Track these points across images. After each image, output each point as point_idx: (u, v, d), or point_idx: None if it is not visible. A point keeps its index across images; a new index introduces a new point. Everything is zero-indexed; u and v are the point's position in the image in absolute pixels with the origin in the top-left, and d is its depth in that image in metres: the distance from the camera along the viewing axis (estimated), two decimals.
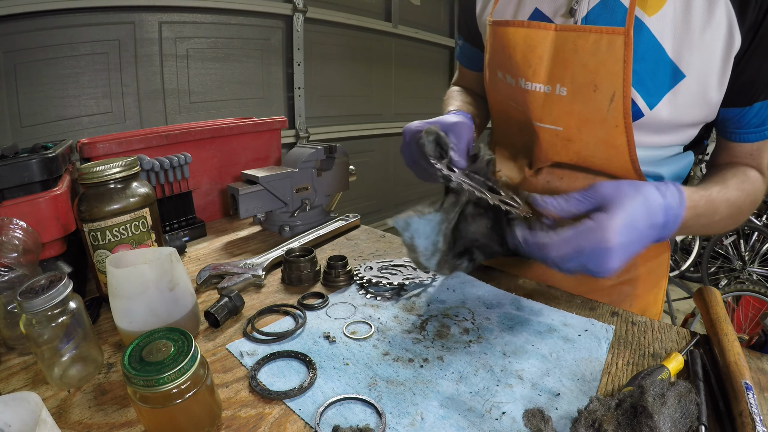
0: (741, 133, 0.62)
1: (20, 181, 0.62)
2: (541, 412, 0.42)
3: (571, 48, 0.59)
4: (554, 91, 0.62)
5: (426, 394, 0.47)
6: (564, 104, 0.62)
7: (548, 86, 0.63)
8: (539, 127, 0.67)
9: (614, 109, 0.58)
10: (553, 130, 0.65)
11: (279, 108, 2.29)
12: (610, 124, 0.60)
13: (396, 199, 3.15)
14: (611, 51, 0.56)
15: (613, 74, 0.57)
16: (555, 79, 0.62)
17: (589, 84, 0.59)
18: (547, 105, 0.64)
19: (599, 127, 0.61)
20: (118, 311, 0.53)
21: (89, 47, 1.60)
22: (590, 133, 0.62)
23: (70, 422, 0.43)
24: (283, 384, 0.48)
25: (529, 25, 0.62)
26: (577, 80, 0.60)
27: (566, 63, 0.60)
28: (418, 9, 2.91)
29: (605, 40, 0.56)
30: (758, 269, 2.97)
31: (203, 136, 1.06)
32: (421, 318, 0.62)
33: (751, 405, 0.40)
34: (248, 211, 0.92)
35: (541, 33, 0.61)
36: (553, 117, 0.64)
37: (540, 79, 0.63)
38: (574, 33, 0.59)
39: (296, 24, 2.20)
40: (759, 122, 0.60)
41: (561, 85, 0.61)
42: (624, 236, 0.46)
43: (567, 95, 0.61)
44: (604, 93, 0.58)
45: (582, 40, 0.58)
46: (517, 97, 0.68)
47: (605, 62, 0.57)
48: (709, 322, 0.55)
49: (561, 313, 0.63)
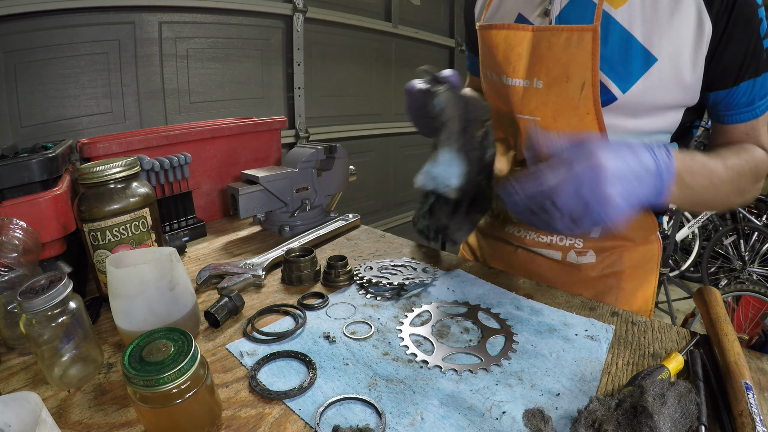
0: (732, 115, 0.64)
1: (20, 181, 0.62)
2: (541, 412, 0.42)
3: (546, 45, 0.66)
4: (532, 85, 0.69)
5: (426, 393, 0.47)
6: (540, 96, 0.68)
7: (526, 80, 0.69)
8: (520, 118, 0.73)
9: (585, 96, 0.64)
10: (532, 120, 0.71)
11: (279, 108, 2.29)
12: (582, 112, 0.66)
13: (396, 199, 3.15)
14: (581, 46, 0.62)
15: (582, 66, 0.63)
16: (532, 73, 0.68)
17: (562, 76, 0.65)
18: (526, 97, 0.70)
19: (572, 114, 0.67)
20: (118, 311, 0.53)
21: (89, 47, 1.59)
22: (564, 121, 0.68)
23: (70, 422, 0.43)
24: (283, 384, 0.48)
25: (509, 27, 0.69)
26: (551, 73, 0.66)
27: (542, 59, 0.67)
28: (418, 9, 2.91)
29: (575, 36, 0.63)
30: (758, 269, 2.97)
31: (203, 136, 1.06)
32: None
33: (751, 405, 0.40)
34: (248, 211, 0.92)
35: (520, 34, 0.68)
36: (531, 108, 0.70)
37: (519, 74, 0.70)
38: (549, 32, 0.65)
39: (296, 24, 2.19)
40: (748, 101, 0.62)
41: (537, 78, 0.68)
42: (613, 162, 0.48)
43: (543, 87, 0.68)
44: (575, 83, 0.64)
45: (555, 37, 0.65)
46: (501, 93, 0.74)
47: (576, 56, 0.63)
48: (709, 322, 0.55)
49: (561, 313, 0.63)
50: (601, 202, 0.48)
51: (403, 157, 3.10)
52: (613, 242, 0.79)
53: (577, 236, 0.78)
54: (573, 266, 0.80)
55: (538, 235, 0.80)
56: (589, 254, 0.79)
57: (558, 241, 0.79)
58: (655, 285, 0.84)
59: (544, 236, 0.80)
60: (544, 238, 0.80)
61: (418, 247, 0.91)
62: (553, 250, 0.80)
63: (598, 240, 0.79)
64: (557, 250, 0.80)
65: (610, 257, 0.79)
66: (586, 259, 0.79)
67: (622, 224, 0.50)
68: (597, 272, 0.80)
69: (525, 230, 0.82)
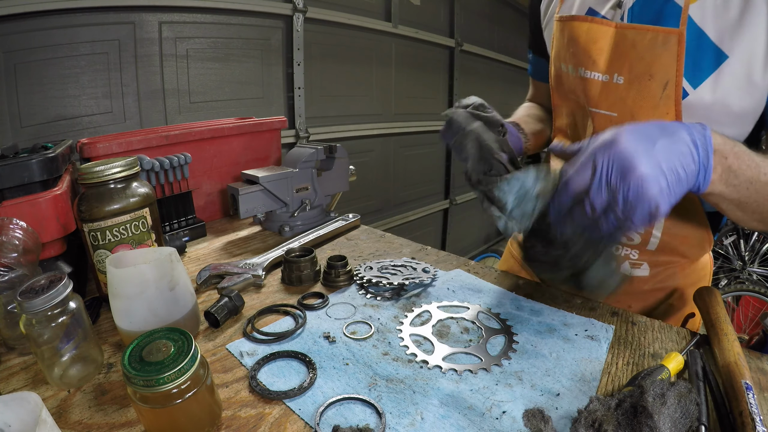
0: None
1: (20, 181, 0.62)
2: (541, 412, 0.42)
3: (630, 43, 0.64)
4: (612, 80, 0.67)
5: (426, 393, 0.47)
6: (620, 91, 0.67)
7: (606, 75, 0.68)
8: (595, 113, 0.71)
9: (666, 96, 0.63)
10: (609, 115, 0.70)
11: (279, 108, 2.29)
12: (662, 111, 0.64)
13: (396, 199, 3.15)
14: (666, 47, 0.61)
15: (667, 66, 0.62)
16: (613, 68, 0.67)
17: (644, 74, 0.64)
18: (604, 92, 0.69)
19: (651, 113, 0.65)
20: (118, 311, 0.53)
21: (89, 47, 1.59)
22: (643, 119, 0.66)
23: (70, 422, 0.43)
24: (283, 384, 0.48)
25: (593, 20, 0.68)
26: (634, 70, 0.65)
27: (624, 55, 0.65)
28: (418, 9, 2.90)
29: (661, 38, 0.62)
30: (758, 269, 2.97)
31: (203, 136, 1.06)
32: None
33: (751, 405, 0.40)
34: (248, 211, 0.92)
35: (603, 28, 0.66)
36: (609, 103, 0.69)
37: (599, 68, 0.68)
38: (633, 30, 0.64)
39: (296, 24, 2.19)
40: None
41: (618, 74, 0.66)
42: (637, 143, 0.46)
43: (624, 83, 0.66)
44: (658, 82, 0.63)
45: (640, 36, 0.63)
46: (577, 86, 0.73)
47: (660, 56, 0.62)
48: (709, 322, 0.55)
49: (561, 313, 0.63)
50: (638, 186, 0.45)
51: (403, 157, 3.10)
52: (669, 257, 0.76)
53: (633, 247, 0.76)
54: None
55: None
56: (644, 267, 0.77)
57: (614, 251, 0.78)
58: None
59: None
60: None
61: (418, 247, 0.91)
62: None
63: (654, 253, 0.76)
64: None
65: (665, 272, 0.77)
66: (639, 271, 0.77)
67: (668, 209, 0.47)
68: (649, 286, 0.78)
69: None
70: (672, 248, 0.75)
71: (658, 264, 0.77)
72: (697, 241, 0.75)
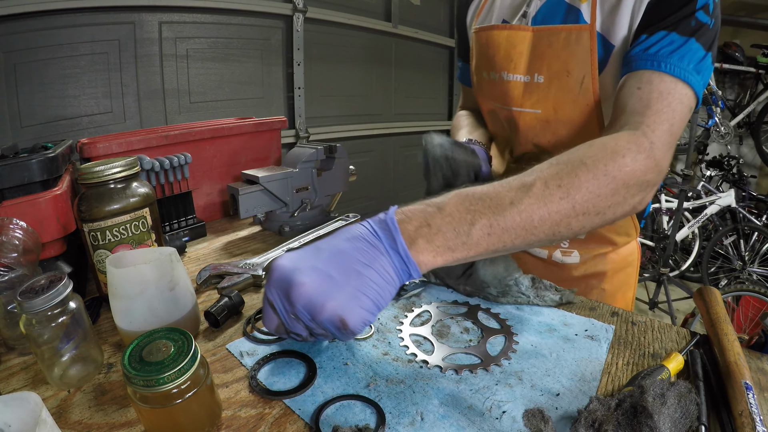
0: (634, 61, 0.58)
1: (20, 181, 0.62)
2: (541, 412, 0.42)
3: (546, 43, 0.69)
4: (533, 80, 0.72)
5: (426, 393, 0.47)
6: (541, 90, 0.72)
7: (527, 76, 0.73)
8: (519, 112, 0.76)
9: (585, 89, 0.68)
10: (533, 113, 0.74)
11: (279, 108, 2.29)
12: (582, 104, 0.69)
13: (396, 199, 3.14)
14: (579, 43, 0.66)
15: (582, 62, 0.66)
16: (533, 69, 0.72)
17: (562, 71, 0.69)
18: (527, 92, 0.74)
19: (572, 107, 0.70)
20: (118, 311, 0.53)
21: (89, 47, 1.59)
22: (565, 113, 0.71)
23: (70, 422, 0.43)
24: (283, 384, 0.48)
25: (511, 27, 0.73)
26: (552, 68, 0.69)
27: (543, 56, 0.70)
28: (418, 9, 2.90)
29: (574, 35, 0.66)
30: (758, 269, 2.97)
31: (203, 136, 1.06)
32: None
33: (751, 405, 0.40)
34: (248, 211, 0.92)
35: (521, 33, 0.71)
36: (532, 101, 0.73)
37: (520, 70, 0.73)
38: (548, 32, 0.69)
39: (296, 24, 2.19)
40: (656, 52, 0.57)
41: (539, 74, 0.71)
42: (289, 259, 0.44)
43: (544, 81, 0.71)
44: (575, 77, 0.68)
45: (555, 36, 0.68)
46: (500, 90, 0.77)
47: (575, 52, 0.66)
48: (709, 322, 0.55)
49: (561, 313, 0.63)
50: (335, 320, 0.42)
51: (403, 157, 3.10)
52: (597, 245, 0.83)
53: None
54: (557, 265, 0.86)
55: None
56: (574, 254, 0.84)
57: None
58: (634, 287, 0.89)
59: None
60: None
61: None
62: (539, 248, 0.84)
63: (583, 241, 0.83)
64: (543, 248, 0.86)
65: (594, 260, 0.84)
66: (570, 259, 0.84)
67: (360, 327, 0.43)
68: (580, 272, 0.84)
69: None
70: (600, 236, 0.82)
71: (588, 251, 0.83)
72: (623, 230, 0.82)
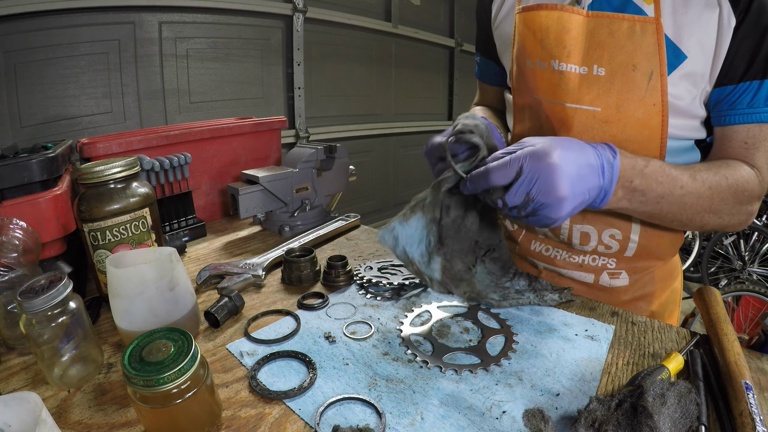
0: (733, 115, 0.61)
1: (20, 181, 0.62)
2: (541, 412, 0.42)
3: (606, 32, 0.61)
4: (591, 72, 0.63)
5: (426, 393, 0.47)
6: (602, 84, 0.63)
7: (584, 67, 0.64)
8: (575, 109, 0.66)
9: (652, 87, 0.61)
10: (591, 111, 0.65)
11: (279, 108, 2.30)
12: (648, 103, 0.62)
13: (396, 199, 3.15)
14: (645, 35, 0.59)
15: (649, 55, 0.60)
16: (591, 60, 0.63)
17: (627, 64, 0.61)
18: (585, 85, 0.64)
19: (638, 106, 0.62)
20: (118, 311, 0.53)
21: (89, 47, 1.60)
22: (628, 113, 0.63)
23: (70, 422, 0.43)
24: (283, 384, 0.48)
25: (563, 8, 0.63)
26: (615, 60, 0.62)
27: (603, 45, 0.62)
28: (418, 9, 2.91)
29: (639, 27, 0.59)
30: (758, 269, 2.97)
31: (203, 136, 1.06)
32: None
33: (751, 405, 0.40)
34: (248, 211, 0.92)
35: (574, 17, 0.62)
36: (591, 97, 0.64)
37: (575, 60, 0.64)
38: (608, 19, 0.61)
39: (296, 24, 2.20)
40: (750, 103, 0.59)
41: (598, 65, 0.63)
42: (567, 165, 0.49)
43: (605, 75, 0.63)
44: (643, 72, 0.61)
45: (616, 25, 0.61)
46: (549, 82, 0.67)
47: (641, 45, 0.60)
48: (709, 322, 0.55)
49: (561, 313, 0.63)
50: (553, 206, 0.49)
51: (403, 157, 3.10)
52: (646, 262, 0.74)
53: (610, 256, 0.74)
54: (605, 289, 0.76)
55: (570, 255, 0.76)
56: (623, 276, 0.75)
57: (590, 262, 0.75)
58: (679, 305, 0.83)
59: (576, 256, 0.76)
60: (576, 258, 0.76)
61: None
62: (585, 272, 0.76)
63: (631, 259, 0.74)
64: (589, 272, 0.76)
65: (643, 279, 0.75)
66: (619, 281, 0.75)
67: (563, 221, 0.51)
68: (629, 295, 0.76)
69: (555, 249, 0.78)
70: (648, 252, 0.73)
71: (636, 270, 0.75)
72: (670, 241, 0.74)
